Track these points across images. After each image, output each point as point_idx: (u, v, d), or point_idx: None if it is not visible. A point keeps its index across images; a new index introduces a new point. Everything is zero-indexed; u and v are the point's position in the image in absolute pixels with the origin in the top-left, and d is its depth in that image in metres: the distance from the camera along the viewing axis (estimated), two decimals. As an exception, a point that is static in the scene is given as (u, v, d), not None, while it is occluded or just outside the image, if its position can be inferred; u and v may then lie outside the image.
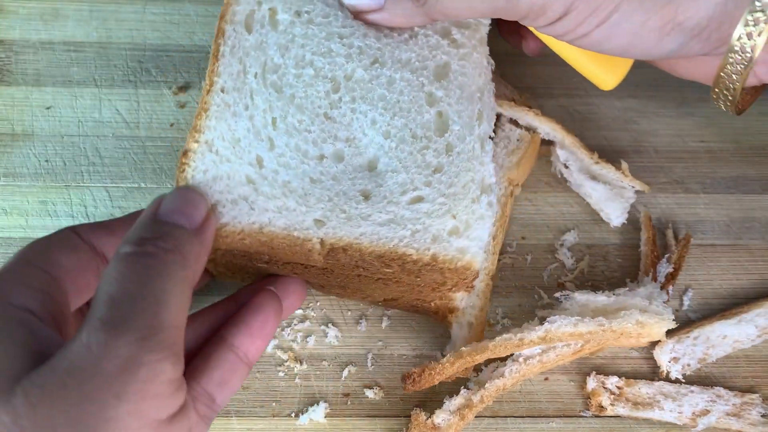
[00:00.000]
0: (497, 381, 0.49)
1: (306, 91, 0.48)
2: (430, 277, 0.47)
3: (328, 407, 0.50)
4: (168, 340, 0.36)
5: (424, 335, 0.53)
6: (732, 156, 0.60)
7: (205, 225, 0.42)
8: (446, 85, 0.49)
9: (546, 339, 0.48)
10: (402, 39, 0.49)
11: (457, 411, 0.48)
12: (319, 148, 0.47)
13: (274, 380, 0.51)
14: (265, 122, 0.47)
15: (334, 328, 0.53)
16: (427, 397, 0.51)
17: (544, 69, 0.62)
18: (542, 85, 0.62)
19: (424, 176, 0.47)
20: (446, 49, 0.49)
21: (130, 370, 0.34)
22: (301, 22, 0.49)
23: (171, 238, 0.39)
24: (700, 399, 0.51)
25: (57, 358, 0.34)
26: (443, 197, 0.46)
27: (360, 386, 0.51)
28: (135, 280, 0.36)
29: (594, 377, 0.51)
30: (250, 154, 0.46)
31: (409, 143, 0.47)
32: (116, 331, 0.34)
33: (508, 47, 0.55)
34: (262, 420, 0.50)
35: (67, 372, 0.33)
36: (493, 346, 0.47)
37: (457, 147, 0.47)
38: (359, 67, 0.48)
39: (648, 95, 0.62)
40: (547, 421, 0.51)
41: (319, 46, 0.48)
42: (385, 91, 0.48)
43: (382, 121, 0.47)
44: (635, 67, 0.63)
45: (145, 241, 0.38)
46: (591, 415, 0.51)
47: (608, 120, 0.61)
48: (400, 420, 0.50)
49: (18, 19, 0.62)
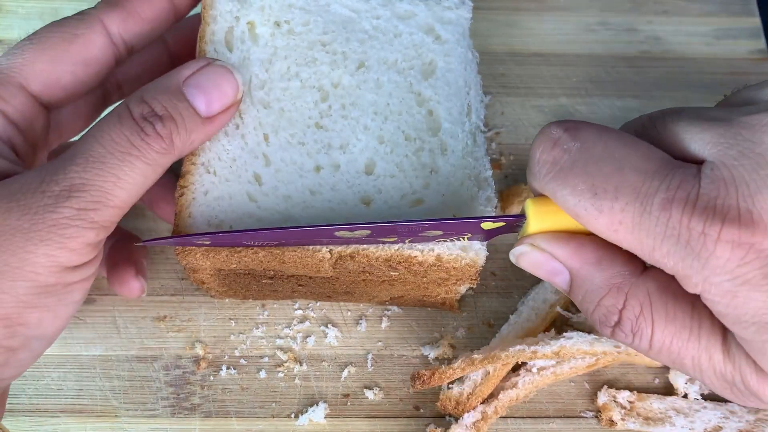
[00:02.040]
0: (510, 392, 0.49)
1: (294, 103, 0.47)
2: (436, 275, 0.47)
3: (328, 408, 0.50)
4: (104, 218, 0.38)
5: (424, 336, 0.53)
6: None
7: (219, 116, 0.42)
8: (434, 83, 0.48)
9: (559, 354, 0.47)
10: (386, 40, 0.49)
11: (472, 425, 0.48)
12: (314, 159, 0.46)
13: (274, 381, 0.51)
14: (258, 139, 0.46)
15: (333, 328, 0.52)
16: (428, 399, 0.51)
17: (545, 69, 0.62)
18: (543, 85, 0.61)
19: (421, 178, 0.47)
20: (431, 46, 0.49)
21: (61, 226, 0.37)
22: (281, 33, 0.48)
23: (173, 122, 0.40)
24: (713, 415, 0.50)
25: (15, 180, 0.38)
26: (442, 197, 0.46)
27: (360, 387, 0.51)
28: (114, 152, 0.39)
29: (605, 391, 0.51)
30: (248, 172, 0.46)
31: (404, 146, 0.47)
32: (69, 193, 0.37)
33: (509, 47, 0.55)
34: (261, 420, 0.50)
35: (16, 199, 0.37)
36: (506, 356, 0.47)
37: (451, 145, 0.47)
38: (345, 73, 0.48)
39: (649, 95, 0.61)
40: (547, 421, 0.51)
41: (303, 56, 0.48)
42: (374, 95, 0.48)
43: (374, 126, 0.47)
44: (635, 66, 0.63)
45: (151, 116, 0.40)
46: (591, 416, 0.51)
47: (609, 120, 0.60)
48: (399, 421, 0.50)
49: (17, 19, 0.62)
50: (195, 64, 0.42)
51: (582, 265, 0.38)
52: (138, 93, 0.41)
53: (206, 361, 0.51)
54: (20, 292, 0.37)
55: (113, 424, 0.49)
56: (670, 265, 0.34)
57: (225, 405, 0.50)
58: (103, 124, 0.40)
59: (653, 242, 0.34)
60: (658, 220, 0.33)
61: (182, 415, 0.49)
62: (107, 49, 0.44)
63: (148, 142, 0.39)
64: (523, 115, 0.60)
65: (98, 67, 0.44)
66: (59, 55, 0.42)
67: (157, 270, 0.53)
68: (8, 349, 0.38)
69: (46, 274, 0.37)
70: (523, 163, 0.58)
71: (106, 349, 0.51)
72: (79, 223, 0.37)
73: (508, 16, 0.63)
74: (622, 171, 0.34)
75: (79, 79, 0.43)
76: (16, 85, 0.42)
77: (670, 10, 0.65)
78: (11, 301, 0.37)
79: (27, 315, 0.38)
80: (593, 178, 0.35)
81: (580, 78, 0.62)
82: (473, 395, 0.48)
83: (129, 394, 0.50)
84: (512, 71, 0.61)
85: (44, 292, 0.38)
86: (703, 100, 0.61)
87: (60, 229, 0.37)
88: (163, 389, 0.50)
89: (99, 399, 0.50)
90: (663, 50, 0.63)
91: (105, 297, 0.52)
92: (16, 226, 0.37)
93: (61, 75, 0.43)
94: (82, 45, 0.43)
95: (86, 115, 0.48)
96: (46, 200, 0.37)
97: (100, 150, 0.38)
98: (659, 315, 0.36)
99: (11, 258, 0.37)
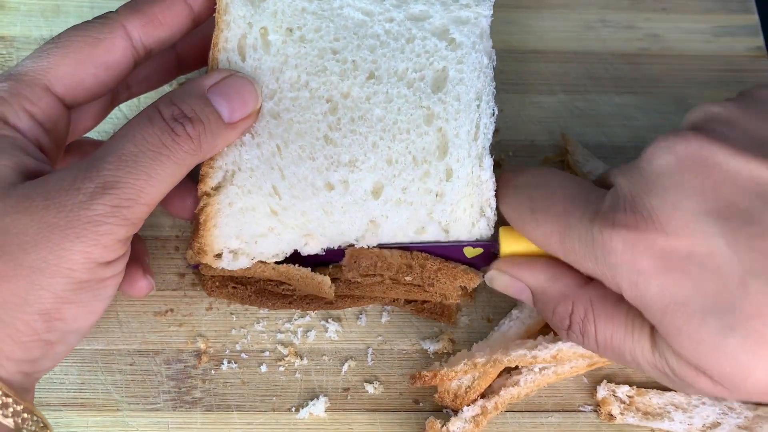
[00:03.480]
0: (512, 389, 0.49)
1: (303, 114, 0.47)
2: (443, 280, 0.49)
3: (328, 401, 0.50)
4: (136, 215, 0.40)
5: (424, 330, 0.53)
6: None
7: (240, 123, 0.44)
8: (443, 97, 0.47)
9: (557, 358, 0.48)
10: (397, 47, 0.48)
11: (471, 419, 0.48)
12: (324, 176, 0.47)
13: (275, 375, 0.51)
14: (272, 150, 0.46)
15: (334, 323, 0.53)
16: (427, 392, 0.51)
17: (543, 66, 0.62)
18: (541, 82, 0.62)
19: (427, 206, 0.47)
20: (443, 53, 0.48)
21: (96, 223, 0.38)
22: (293, 40, 0.47)
23: (201, 124, 0.42)
24: (711, 411, 0.50)
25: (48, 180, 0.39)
26: (445, 224, 0.47)
27: (360, 381, 0.51)
28: (146, 151, 0.40)
29: (605, 386, 0.51)
30: (267, 184, 0.46)
31: (411, 169, 0.47)
32: (102, 191, 0.39)
33: (507, 44, 0.55)
34: (262, 414, 0.50)
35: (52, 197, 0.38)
36: (508, 360, 0.48)
37: (456, 170, 0.47)
38: (355, 84, 0.47)
39: (647, 91, 0.62)
40: (546, 415, 0.51)
41: (313, 65, 0.47)
42: (383, 111, 0.47)
43: (382, 145, 0.47)
44: (634, 63, 0.64)
45: (181, 118, 0.41)
46: (590, 410, 0.51)
47: (607, 116, 0.61)
48: (399, 414, 0.50)
49: (19, 15, 0.62)
50: (218, 74, 0.44)
51: (538, 282, 0.46)
52: (166, 97, 0.42)
53: (207, 356, 0.51)
54: (58, 288, 0.38)
55: (115, 418, 0.49)
56: (591, 271, 0.42)
57: (226, 399, 0.50)
58: (134, 125, 0.41)
59: (576, 251, 0.42)
60: (576, 231, 0.42)
61: (184, 408, 0.50)
62: (128, 53, 0.45)
63: (179, 142, 0.41)
64: (522, 112, 0.61)
65: (119, 70, 0.45)
66: (83, 58, 0.43)
67: (159, 265, 0.54)
68: (47, 343, 0.39)
69: (81, 271, 0.39)
70: (523, 160, 0.59)
71: (108, 343, 0.51)
72: (112, 220, 0.39)
73: (507, 14, 0.63)
74: (554, 195, 0.44)
75: (101, 81, 0.44)
76: (42, 87, 0.43)
77: (668, 8, 0.65)
78: (50, 297, 0.38)
79: (64, 310, 0.39)
80: (532, 201, 0.44)
81: (579, 75, 0.62)
82: (471, 389, 0.48)
83: (131, 388, 0.50)
84: (511, 68, 0.62)
85: (80, 288, 0.39)
86: (701, 97, 0.61)
87: (94, 226, 0.38)
88: (165, 383, 0.50)
89: (101, 393, 0.50)
90: (661, 47, 0.64)
91: (107, 292, 0.52)
92: (53, 223, 0.38)
93: (84, 78, 0.44)
94: (105, 49, 0.44)
95: (96, 114, 0.49)
96: (81, 197, 0.38)
97: (133, 149, 0.40)
98: (600, 316, 0.43)
99: (49, 255, 0.38)
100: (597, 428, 0.51)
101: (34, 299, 0.38)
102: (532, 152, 0.59)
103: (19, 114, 0.42)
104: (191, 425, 0.49)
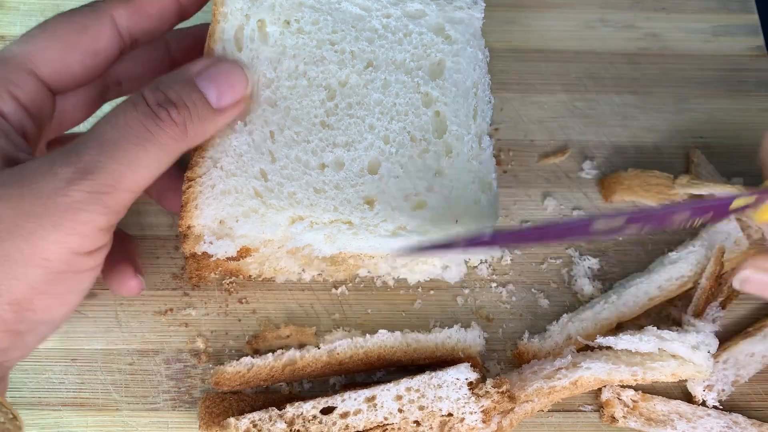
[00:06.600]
0: (526, 405, 0.49)
1: (301, 102, 0.47)
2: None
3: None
4: (117, 202, 0.39)
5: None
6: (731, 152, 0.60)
7: (227, 110, 0.44)
8: (441, 84, 0.49)
9: (576, 385, 0.48)
10: (395, 39, 0.49)
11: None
12: (319, 157, 0.47)
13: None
14: (264, 136, 0.47)
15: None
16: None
17: (544, 65, 0.62)
18: (542, 81, 0.62)
19: (426, 181, 0.47)
20: (440, 46, 0.49)
21: (73, 210, 0.37)
22: (290, 32, 0.48)
23: (186, 109, 0.41)
24: (715, 423, 0.49)
25: (26, 166, 0.38)
26: (445, 200, 0.47)
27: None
28: (128, 136, 0.39)
29: (610, 388, 0.50)
30: (254, 167, 0.46)
31: (409, 147, 0.47)
32: (81, 176, 0.37)
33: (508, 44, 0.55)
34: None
35: (28, 183, 0.37)
36: (525, 396, 0.48)
37: (456, 148, 0.47)
38: (353, 72, 0.48)
39: (646, 91, 0.62)
40: (546, 415, 0.51)
41: (311, 55, 0.48)
42: (381, 95, 0.48)
43: (380, 125, 0.47)
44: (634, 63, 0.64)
45: (166, 103, 0.40)
46: (591, 409, 0.51)
47: (607, 116, 0.61)
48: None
49: (19, 15, 0.62)
50: (206, 60, 0.44)
51: None
52: (152, 84, 0.42)
53: (207, 355, 0.51)
54: (31, 278, 0.38)
55: (114, 418, 0.49)
56: None
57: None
58: (118, 111, 0.40)
59: None
60: None
61: (183, 408, 0.50)
62: (114, 42, 0.45)
63: (162, 127, 0.40)
64: (523, 111, 0.61)
65: (105, 58, 0.45)
66: (70, 44, 0.43)
67: (158, 265, 0.54)
68: (16, 333, 0.39)
69: (57, 261, 0.38)
70: (523, 159, 0.59)
71: (108, 342, 0.51)
72: (92, 207, 0.38)
73: (508, 13, 0.63)
74: None
75: (87, 68, 0.44)
76: (27, 70, 0.42)
77: (668, 7, 0.65)
78: (22, 288, 0.38)
79: (36, 301, 0.38)
80: None
81: (579, 74, 0.62)
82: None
83: (130, 388, 0.50)
84: (512, 67, 0.62)
85: (55, 279, 0.38)
86: (702, 97, 0.62)
87: (72, 214, 0.37)
88: (164, 383, 0.50)
89: (100, 392, 0.50)
90: (661, 47, 0.64)
91: (106, 291, 0.52)
92: (29, 210, 0.37)
93: (70, 63, 0.44)
94: (91, 36, 0.44)
95: (85, 109, 0.49)
96: (58, 183, 0.37)
97: (114, 133, 0.39)
98: None
99: (23, 244, 0.37)
100: (597, 428, 0.50)
101: (5, 289, 0.37)
102: (532, 151, 0.59)
103: (3, 96, 0.41)
104: (191, 425, 0.49)
